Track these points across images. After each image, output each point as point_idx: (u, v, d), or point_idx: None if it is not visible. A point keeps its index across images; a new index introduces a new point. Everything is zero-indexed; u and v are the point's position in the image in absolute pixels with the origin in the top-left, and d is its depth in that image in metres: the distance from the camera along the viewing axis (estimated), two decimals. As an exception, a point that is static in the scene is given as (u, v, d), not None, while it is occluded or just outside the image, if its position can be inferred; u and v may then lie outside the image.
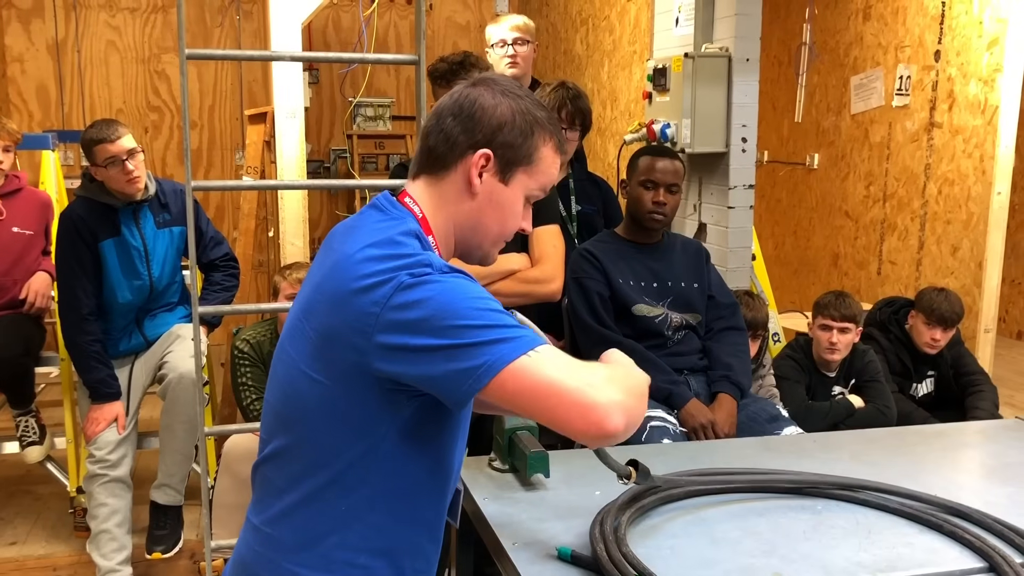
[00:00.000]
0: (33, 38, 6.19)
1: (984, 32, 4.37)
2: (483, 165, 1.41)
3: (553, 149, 1.46)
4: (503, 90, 1.44)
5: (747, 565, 1.53)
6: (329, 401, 1.33)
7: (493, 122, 1.41)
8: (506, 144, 1.41)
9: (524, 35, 3.41)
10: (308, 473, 1.36)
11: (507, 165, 1.42)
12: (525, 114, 1.43)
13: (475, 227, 1.45)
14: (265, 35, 6.17)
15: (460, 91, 1.45)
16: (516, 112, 1.42)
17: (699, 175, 3.69)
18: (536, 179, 1.45)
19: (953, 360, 3.61)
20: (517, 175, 1.43)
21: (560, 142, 1.47)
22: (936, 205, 4.72)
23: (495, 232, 1.46)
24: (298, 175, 3.53)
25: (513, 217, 1.46)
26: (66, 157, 6.02)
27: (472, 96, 1.43)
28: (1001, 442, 2.27)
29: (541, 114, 1.45)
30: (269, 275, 5.13)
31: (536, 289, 2.64)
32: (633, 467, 1.55)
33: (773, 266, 5.31)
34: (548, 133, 1.45)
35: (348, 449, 1.34)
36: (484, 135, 1.41)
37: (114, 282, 3.23)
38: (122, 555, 3.18)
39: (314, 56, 4.78)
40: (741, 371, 2.80)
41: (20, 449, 3.65)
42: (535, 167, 1.44)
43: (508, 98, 1.43)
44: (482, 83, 1.45)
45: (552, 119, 1.47)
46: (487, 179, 1.42)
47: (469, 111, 1.42)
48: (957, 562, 1.56)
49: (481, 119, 1.41)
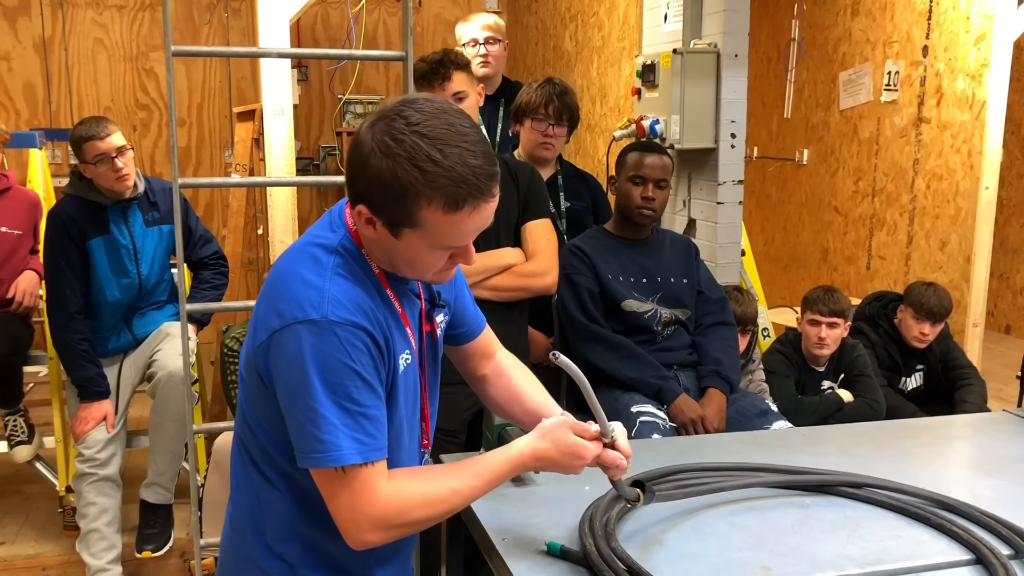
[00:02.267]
0: (20, 36, 6.16)
1: (971, 27, 4.38)
2: (368, 219, 1.32)
3: (440, 209, 1.27)
4: (380, 146, 1.27)
5: (735, 559, 1.53)
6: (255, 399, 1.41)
7: (364, 181, 1.30)
8: (380, 205, 1.30)
9: (495, 34, 3.41)
10: (256, 466, 1.46)
11: (391, 224, 1.31)
12: (393, 177, 1.26)
13: (391, 262, 1.40)
14: (253, 33, 6.14)
15: (360, 128, 1.32)
16: (384, 174, 1.26)
17: (688, 171, 3.69)
18: (432, 239, 1.31)
19: (942, 354, 3.62)
20: (406, 234, 1.31)
21: (458, 197, 1.26)
22: (924, 200, 4.74)
23: (408, 271, 1.40)
24: (287, 172, 3.52)
25: (424, 267, 1.37)
26: (54, 155, 6.00)
27: (358, 143, 1.31)
28: (988, 435, 2.28)
29: (414, 177, 1.25)
30: (258, 273, 5.12)
31: (532, 283, 2.64)
32: (640, 488, 1.54)
33: (762, 261, 5.32)
34: (425, 198, 1.26)
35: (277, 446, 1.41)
36: (360, 192, 1.31)
37: (103, 280, 3.22)
38: (112, 554, 3.17)
39: (301, 52, 4.77)
40: (730, 366, 2.80)
41: (8, 448, 3.63)
42: (423, 229, 1.30)
43: (379, 159, 1.26)
44: (380, 123, 1.29)
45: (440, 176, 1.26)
46: (380, 229, 1.33)
47: (352, 160, 1.32)
48: (944, 554, 1.56)
49: (357, 174, 1.31)
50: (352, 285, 1.34)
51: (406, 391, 1.46)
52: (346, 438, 1.30)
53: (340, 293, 1.32)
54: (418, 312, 1.49)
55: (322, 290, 1.31)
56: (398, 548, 1.55)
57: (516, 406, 1.69)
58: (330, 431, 1.29)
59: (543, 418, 1.53)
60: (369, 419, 1.32)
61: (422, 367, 1.52)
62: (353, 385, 1.31)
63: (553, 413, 1.59)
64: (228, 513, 1.54)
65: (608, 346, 2.74)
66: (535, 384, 1.71)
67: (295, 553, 1.46)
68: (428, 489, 1.39)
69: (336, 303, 1.31)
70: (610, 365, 2.72)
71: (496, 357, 1.73)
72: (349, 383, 1.30)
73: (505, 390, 1.70)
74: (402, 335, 1.43)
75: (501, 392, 1.71)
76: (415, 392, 1.51)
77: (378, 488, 1.33)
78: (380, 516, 1.34)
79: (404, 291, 1.45)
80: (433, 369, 1.58)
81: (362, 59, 3.51)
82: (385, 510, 1.34)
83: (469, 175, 1.27)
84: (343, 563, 1.47)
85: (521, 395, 1.69)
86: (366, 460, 1.32)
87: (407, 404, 1.47)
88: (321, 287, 1.32)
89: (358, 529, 1.34)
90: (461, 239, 1.33)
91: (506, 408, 1.71)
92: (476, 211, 1.30)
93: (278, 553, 1.46)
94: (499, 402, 1.71)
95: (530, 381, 1.72)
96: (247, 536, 1.48)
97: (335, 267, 1.35)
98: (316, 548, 1.46)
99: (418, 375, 1.51)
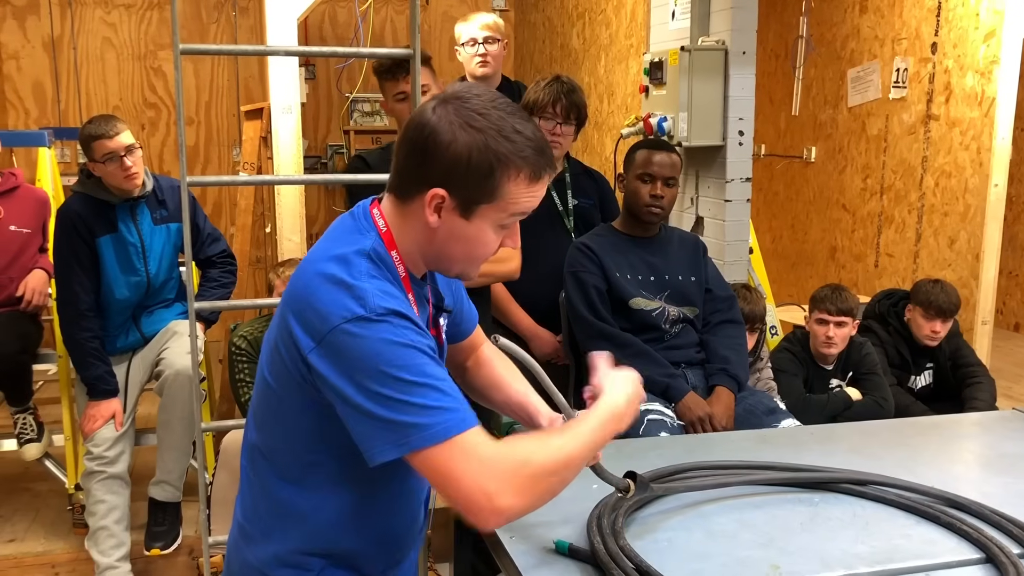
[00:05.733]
0: (29, 35, 6.17)
1: (981, 24, 4.36)
2: (439, 203, 1.31)
3: (524, 182, 1.31)
4: (465, 121, 1.29)
5: (744, 557, 1.53)
6: (279, 407, 1.39)
7: (447, 160, 1.29)
8: (463, 183, 1.30)
9: (495, 34, 3.39)
10: (271, 472, 1.43)
11: (467, 203, 1.31)
12: (484, 151, 1.28)
13: (439, 255, 1.39)
14: (261, 31, 6.15)
15: (421, 114, 1.33)
16: (474, 149, 1.28)
17: (696, 168, 3.68)
18: (505, 211, 1.33)
19: (951, 352, 3.61)
20: (480, 211, 1.32)
21: (539, 168, 1.32)
22: (933, 197, 4.72)
23: (462, 260, 1.39)
24: (294, 170, 3.53)
25: (482, 247, 1.37)
26: (62, 154, 6.01)
27: (429, 127, 1.30)
28: (998, 433, 2.27)
29: (507, 147, 1.29)
30: (266, 271, 5.12)
31: (497, 269, 2.67)
32: (631, 479, 1.54)
33: (770, 259, 5.31)
34: (515, 168, 1.30)
35: (298, 456, 1.40)
36: (438, 173, 1.30)
37: (111, 278, 3.22)
38: (121, 552, 3.18)
39: (308, 50, 4.78)
40: (738, 364, 2.80)
41: (18, 446, 3.65)
42: (501, 202, 1.32)
43: (467, 132, 1.28)
44: (445, 106, 1.31)
45: (526, 147, 1.31)
46: (446, 215, 1.32)
47: (423, 145, 1.31)
48: (954, 553, 1.56)
49: (434, 156, 1.30)
50: (386, 283, 1.33)
51: None
52: (438, 411, 1.24)
53: (377, 286, 1.30)
54: (427, 318, 1.49)
55: (360, 288, 1.29)
56: (408, 547, 1.55)
57: (498, 393, 1.71)
58: (418, 412, 1.23)
59: (525, 406, 1.60)
60: (449, 390, 1.28)
61: None
62: (422, 361, 1.26)
63: (533, 402, 1.64)
64: (236, 520, 1.53)
65: (616, 344, 2.73)
66: (515, 374, 1.72)
67: (310, 562, 1.44)
68: (535, 441, 1.33)
69: (376, 295, 1.28)
70: (618, 363, 2.71)
71: (480, 349, 1.74)
72: (418, 360, 1.26)
73: (487, 379, 1.72)
74: None
75: (483, 380, 1.72)
76: None
77: (490, 446, 1.26)
78: (508, 470, 1.25)
79: (420, 296, 1.44)
80: None
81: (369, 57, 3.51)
82: (510, 462, 1.25)
83: (546, 147, 1.34)
84: (359, 568, 1.46)
85: (503, 383, 1.70)
86: (468, 425, 1.25)
87: None
88: (358, 285, 1.29)
89: (490, 496, 1.23)
90: (529, 210, 1.36)
91: (487, 395, 1.72)
92: (545, 187, 1.36)
93: (292, 562, 1.44)
94: (480, 389, 1.73)
95: (511, 371, 1.73)
96: (257, 545, 1.46)
97: (368, 269, 1.33)
98: (329, 555, 1.44)
99: None
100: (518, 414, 1.68)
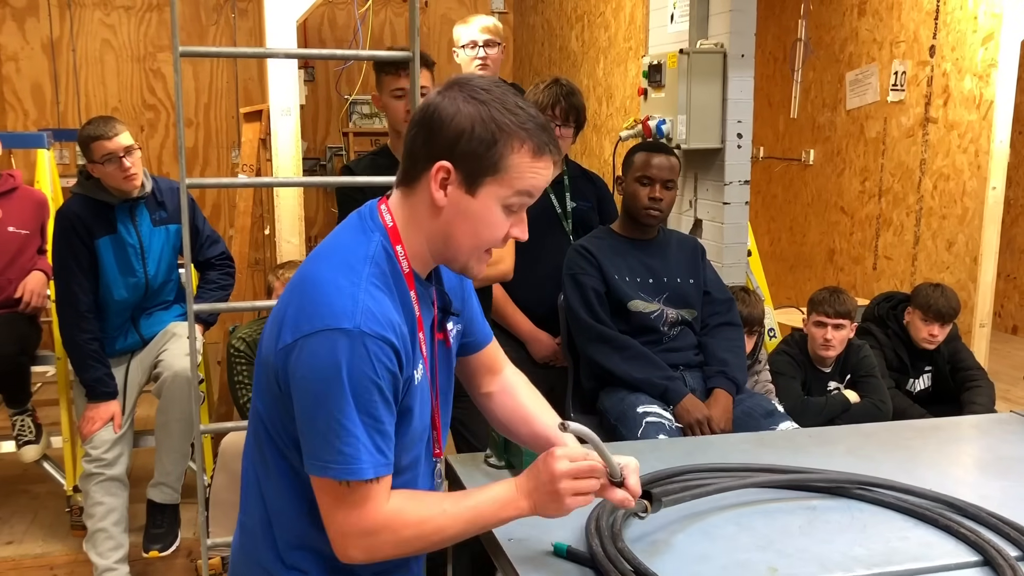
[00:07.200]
0: (28, 37, 6.17)
1: (979, 27, 4.37)
2: (444, 178, 1.33)
3: (528, 155, 1.34)
4: (468, 95, 1.33)
5: (743, 560, 1.53)
6: (274, 404, 1.39)
7: (451, 132, 1.32)
8: (467, 155, 1.32)
9: (494, 36, 3.39)
10: (271, 472, 1.43)
11: (471, 176, 1.33)
12: (487, 121, 1.32)
13: (447, 241, 1.39)
14: (261, 33, 6.14)
15: (427, 98, 1.37)
16: (476, 120, 1.32)
17: (694, 171, 3.69)
18: (510, 187, 1.35)
19: (950, 355, 3.61)
20: (485, 185, 1.34)
21: (542, 143, 1.35)
22: (931, 200, 4.73)
23: (469, 245, 1.39)
24: (294, 172, 3.53)
25: (488, 228, 1.37)
26: (61, 156, 6.01)
27: (434, 104, 1.34)
28: (995, 436, 2.27)
29: (509, 119, 1.32)
30: (265, 273, 5.13)
31: (490, 271, 2.65)
32: (647, 499, 1.52)
33: (769, 262, 5.31)
34: (518, 139, 1.33)
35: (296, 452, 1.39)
36: (442, 146, 1.33)
37: (110, 280, 3.22)
38: (119, 554, 3.17)
39: (307, 53, 4.78)
40: (737, 367, 2.80)
41: (16, 448, 3.64)
42: (505, 175, 1.33)
43: (471, 104, 1.32)
44: (451, 88, 1.36)
45: (528, 121, 1.34)
46: (452, 191, 1.34)
47: (427, 122, 1.34)
48: (952, 556, 1.56)
49: (439, 129, 1.33)
50: (384, 297, 1.33)
51: (422, 402, 1.44)
52: (365, 452, 1.29)
53: (373, 305, 1.30)
54: (431, 320, 1.48)
55: (356, 299, 1.30)
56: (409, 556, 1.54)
57: (523, 427, 1.66)
58: (351, 444, 1.28)
59: (549, 440, 1.55)
60: (383, 435, 1.32)
61: (433, 375, 1.49)
62: (375, 400, 1.29)
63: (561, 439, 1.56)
64: (240, 519, 1.53)
65: (614, 346, 2.74)
66: (543, 405, 1.68)
67: (309, 562, 1.44)
68: (422, 510, 1.37)
69: (369, 315, 1.29)
70: (616, 366, 2.72)
71: (503, 373, 1.70)
72: (373, 397, 1.29)
73: (512, 411, 1.67)
74: (417, 345, 1.41)
75: (507, 412, 1.68)
76: (428, 401, 1.50)
77: (379, 504, 1.33)
78: (368, 530, 1.33)
79: (425, 296, 1.44)
80: (446, 378, 1.56)
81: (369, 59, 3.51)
82: (374, 524, 1.33)
83: (548, 127, 1.37)
84: (357, 571, 1.45)
85: (528, 416, 1.65)
86: (377, 475, 1.31)
87: (422, 415, 1.45)
88: (355, 296, 1.30)
89: (347, 544, 1.34)
90: (535, 190, 1.37)
91: (511, 428, 1.68)
92: (549, 166, 1.37)
93: (291, 562, 1.44)
94: (504, 421, 1.68)
95: (537, 402, 1.68)
96: (260, 543, 1.46)
97: (369, 277, 1.33)
98: (331, 557, 1.43)
99: (428, 384, 1.48)
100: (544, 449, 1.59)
